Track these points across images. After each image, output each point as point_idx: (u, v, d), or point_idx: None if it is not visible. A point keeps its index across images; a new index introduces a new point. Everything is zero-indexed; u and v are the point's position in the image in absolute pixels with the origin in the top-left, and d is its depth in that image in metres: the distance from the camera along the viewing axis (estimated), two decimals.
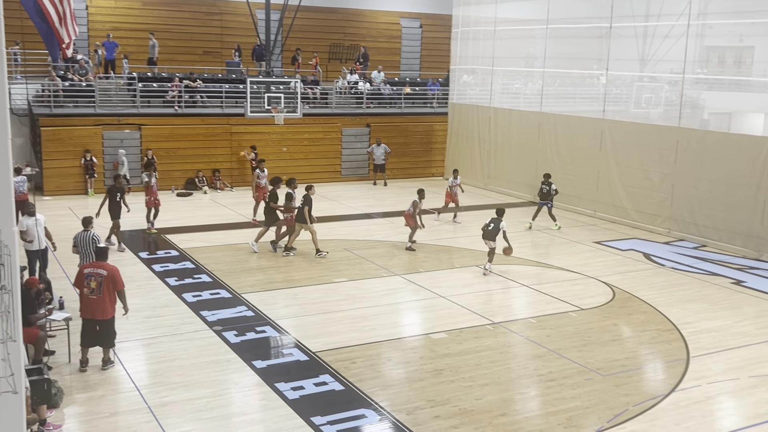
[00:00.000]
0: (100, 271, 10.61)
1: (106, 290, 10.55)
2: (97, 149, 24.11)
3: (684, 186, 19.74)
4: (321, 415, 9.50)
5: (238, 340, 12.02)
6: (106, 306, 10.59)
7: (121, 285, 10.74)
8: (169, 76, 26.98)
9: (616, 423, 9.54)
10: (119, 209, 17.25)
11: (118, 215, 17.28)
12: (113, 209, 17.14)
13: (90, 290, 10.53)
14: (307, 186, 17.60)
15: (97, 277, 10.54)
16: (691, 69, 21.46)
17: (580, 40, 25.48)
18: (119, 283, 10.70)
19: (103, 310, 10.56)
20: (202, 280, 15.25)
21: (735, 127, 25.42)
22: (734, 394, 10.57)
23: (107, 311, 10.61)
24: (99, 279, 10.53)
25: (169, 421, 9.28)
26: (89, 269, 10.70)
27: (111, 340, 10.81)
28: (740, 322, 13.55)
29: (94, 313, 10.56)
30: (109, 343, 10.79)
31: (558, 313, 13.77)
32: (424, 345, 12.10)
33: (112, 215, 17.17)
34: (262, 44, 26.02)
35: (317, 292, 14.66)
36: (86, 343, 10.74)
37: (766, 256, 17.79)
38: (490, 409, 9.83)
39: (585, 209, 22.60)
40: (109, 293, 10.59)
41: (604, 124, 22.10)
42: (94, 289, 10.52)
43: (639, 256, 18.06)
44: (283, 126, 25.00)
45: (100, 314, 10.56)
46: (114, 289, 10.65)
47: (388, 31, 34.22)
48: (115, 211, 17.18)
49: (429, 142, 29.98)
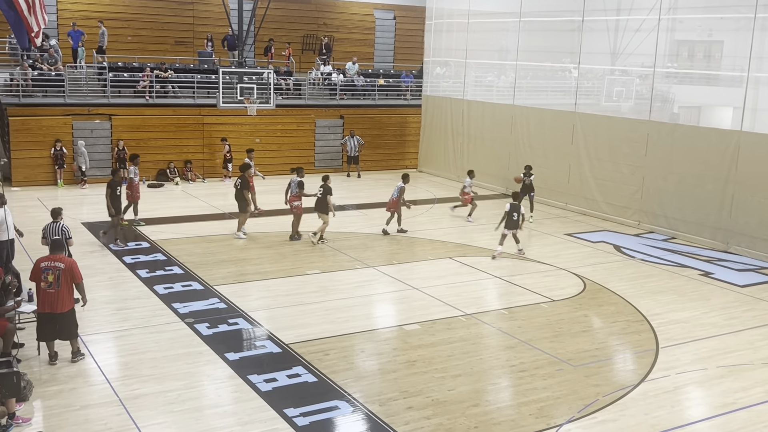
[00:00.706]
0: (57, 264, 10.38)
1: (64, 283, 10.33)
2: (67, 139, 23.79)
3: (654, 179, 19.97)
4: (294, 407, 9.50)
5: (210, 332, 11.96)
6: (64, 299, 10.38)
7: (79, 278, 10.54)
8: (140, 66, 26.68)
9: (586, 413, 9.65)
10: (120, 203, 16.88)
11: (120, 210, 16.96)
12: (114, 204, 16.67)
13: (47, 284, 10.30)
14: (324, 176, 17.89)
15: (54, 270, 10.32)
16: (661, 63, 21.72)
17: (553, 34, 25.64)
18: (77, 276, 10.51)
19: (61, 303, 10.36)
20: (173, 272, 15.14)
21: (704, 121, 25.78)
22: (702, 384, 10.74)
23: (65, 304, 10.41)
24: (56, 272, 10.31)
25: (140, 413, 9.22)
26: (46, 262, 10.42)
27: (73, 331, 10.63)
28: (708, 313, 13.77)
29: (53, 306, 10.34)
30: (71, 335, 10.62)
31: (530, 304, 13.88)
32: (397, 336, 12.14)
33: (113, 210, 16.71)
34: (235, 34, 25.83)
35: (290, 284, 14.62)
36: (44, 337, 10.56)
37: (733, 248, 18.08)
38: (463, 399, 9.90)
39: (556, 201, 22.79)
40: (66, 286, 10.38)
41: (576, 117, 22.27)
42: (51, 283, 10.29)
43: (609, 248, 18.25)
44: (255, 117, 24.89)
45: (59, 307, 10.35)
46: (72, 282, 10.46)
47: (362, 23, 34.12)
48: (116, 205, 16.74)
49: (402, 134, 30.01)
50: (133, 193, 18.38)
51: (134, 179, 18.34)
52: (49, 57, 24.68)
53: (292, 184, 17.84)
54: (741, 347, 12.10)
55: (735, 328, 12.99)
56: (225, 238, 17.87)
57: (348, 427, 9.20)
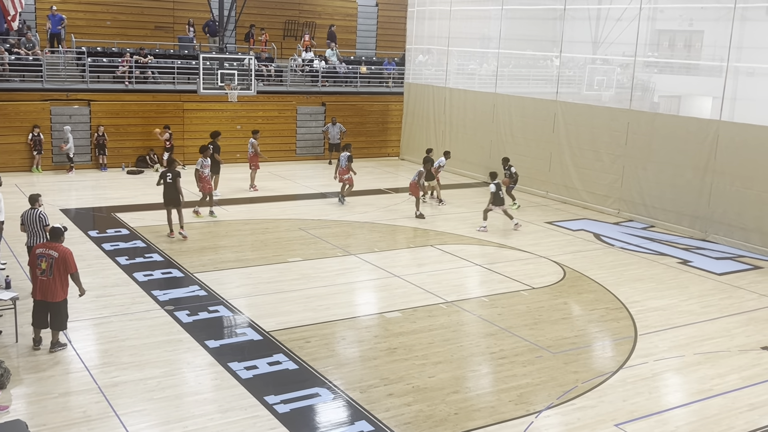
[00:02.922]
0: (51, 252, 10.33)
1: (57, 272, 10.28)
2: (45, 125, 23.50)
3: (634, 167, 20.10)
4: (275, 394, 9.50)
5: (190, 319, 11.91)
6: (57, 288, 10.33)
7: (73, 268, 10.45)
8: (120, 51, 26.38)
9: (565, 399, 9.73)
10: (176, 193, 16.15)
11: (177, 200, 16.22)
12: (169, 194, 16.15)
13: (41, 271, 10.27)
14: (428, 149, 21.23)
15: (48, 258, 10.28)
16: (642, 52, 21.78)
17: (535, 22, 25.63)
18: (71, 265, 10.42)
19: (53, 292, 10.31)
20: (153, 259, 15.05)
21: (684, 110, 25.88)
22: (680, 370, 10.86)
23: (57, 294, 10.35)
24: (50, 260, 10.27)
25: (120, 401, 9.18)
26: (41, 249, 10.41)
27: (62, 323, 10.55)
28: (686, 301, 13.91)
29: (45, 294, 10.32)
30: (59, 326, 10.54)
31: (510, 292, 13.95)
32: (378, 324, 12.16)
33: (167, 202, 16.24)
34: (216, 20, 25.60)
35: (271, 271, 14.59)
36: (37, 324, 10.53)
37: (711, 236, 18.26)
38: (443, 386, 9.94)
39: (537, 190, 22.88)
40: (59, 276, 10.32)
41: (557, 105, 22.33)
42: (44, 270, 10.26)
43: (589, 236, 18.37)
44: (236, 103, 24.68)
45: (50, 296, 10.31)
46: (66, 271, 10.38)
47: (344, 9, 33.93)
48: (171, 196, 16.13)
49: (385, 121, 29.94)
50: (204, 184, 18.10)
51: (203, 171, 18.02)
52: (26, 41, 24.33)
53: (342, 159, 20.45)
54: (718, 334, 12.24)
55: (712, 316, 13.14)
56: (205, 225, 17.78)
57: (329, 414, 9.21)
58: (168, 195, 16.26)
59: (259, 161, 22.15)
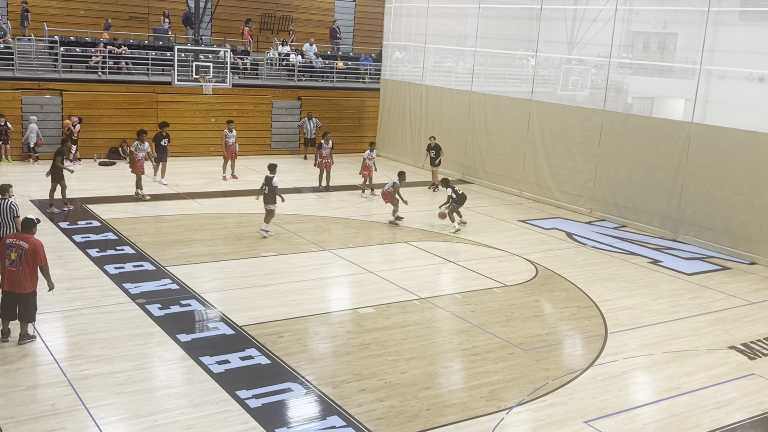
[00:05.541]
0: (21, 243, 10.20)
1: (26, 264, 10.15)
2: (15, 114, 23.14)
3: (606, 168, 20.28)
4: (246, 389, 9.46)
5: (162, 313, 11.82)
6: (25, 280, 10.19)
7: (43, 261, 10.32)
8: (93, 41, 26.05)
9: (536, 396, 9.81)
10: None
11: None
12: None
13: (10, 261, 10.15)
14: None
15: (17, 249, 10.15)
16: (617, 53, 21.98)
17: (512, 21, 25.76)
18: (41, 258, 10.28)
19: (21, 283, 10.17)
20: (124, 251, 14.90)
21: (657, 112, 26.22)
22: (648, 369, 11.00)
23: (25, 285, 10.21)
24: (20, 251, 10.13)
25: (89, 394, 9.08)
26: (11, 240, 10.27)
27: (30, 315, 10.42)
28: (656, 300, 14.08)
29: (12, 285, 10.18)
30: (26, 318, 10.41)
31: (483, 289, 14.02)
32: (352, 319, 12.16)
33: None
34: (192, 11, 25.39)
35: (244, 266, 14.52)
36: (5, 316, 10.39)
37: (682, 237, 18.49)
38: (415, 382, 9.97)
39: (511, 188, 23.01)
40: (29, 267, 10.19)
41: (532, 105, 22.46)
42: (13, 261, 10.13)
43: (562, 235, 18.52)
44: (211, 96, 24.53)
45: (19, 288, 10.18)
46: (35, 263, 10.25)
47: (322, 3, 33.84)
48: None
49: (361, 117, 29.91)
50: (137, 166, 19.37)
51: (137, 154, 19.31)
52: None
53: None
54: (686, 334, 12.41)
55: (681, 315, 13.32)
56: (178, 218, 17.64)
57: (301, 409, 9.20)
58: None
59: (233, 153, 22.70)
